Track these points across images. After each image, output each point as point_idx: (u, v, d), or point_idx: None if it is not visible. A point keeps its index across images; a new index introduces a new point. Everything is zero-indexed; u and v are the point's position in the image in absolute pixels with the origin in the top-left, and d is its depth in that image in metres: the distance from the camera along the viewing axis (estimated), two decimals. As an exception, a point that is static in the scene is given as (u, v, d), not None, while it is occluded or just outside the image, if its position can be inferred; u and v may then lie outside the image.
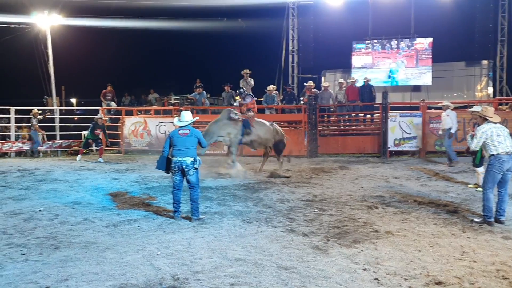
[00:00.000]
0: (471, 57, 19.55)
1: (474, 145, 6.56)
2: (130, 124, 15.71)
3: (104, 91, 18.23)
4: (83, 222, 6.63)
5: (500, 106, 14.64)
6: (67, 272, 4.59)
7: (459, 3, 18.92)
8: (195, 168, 6.68)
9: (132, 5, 19.30)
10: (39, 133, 15.28)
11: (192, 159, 6.67)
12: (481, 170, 8.49)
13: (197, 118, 8.13)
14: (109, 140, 14.54)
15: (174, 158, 6.71)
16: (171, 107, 17.79)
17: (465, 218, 6.64)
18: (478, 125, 6.79)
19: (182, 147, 6.70)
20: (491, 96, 18.78)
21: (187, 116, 6.97)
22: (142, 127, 15.54)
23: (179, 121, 6.96)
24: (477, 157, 8.46)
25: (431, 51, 19.16)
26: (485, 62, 19.52)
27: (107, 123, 16.41)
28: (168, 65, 24.91)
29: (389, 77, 19.57)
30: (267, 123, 11.20)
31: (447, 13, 18.63)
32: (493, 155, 6.30)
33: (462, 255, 5.07)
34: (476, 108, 7.63)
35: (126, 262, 4.87)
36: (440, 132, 12.33)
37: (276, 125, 11.36)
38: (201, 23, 21.34)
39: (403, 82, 19.76)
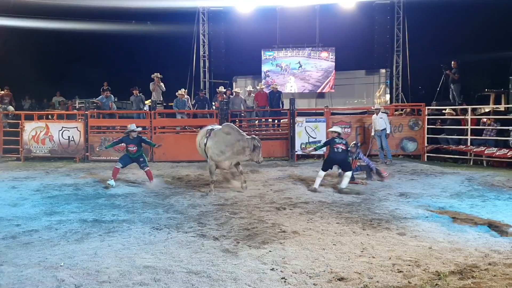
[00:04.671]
0: (370, 66, 20.92)
1: None
2: (31, 129, 14.73)
3: (0, 94, 16.93)
4: (-24, 236, 6.13)
5: (396, 112, 15.88)
6: (-43, 291, 4.23)
7: (359, 15, 20.15)
8: None
9: (35, 4, 18.14)
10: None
11: None
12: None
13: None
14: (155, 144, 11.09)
15: None
16: (75, 111, 16.99)
17: (365, 216, 7.11)
18: None
19: None
20: (388, 102, 20.26)
21: None
22: (44, 132, 14.66)
23: None
24: None
25: (334, 60, 20.22)
26: (383, 70, 20.98)
27: (5, 129, 15.25)
28: (73, 67, 23.63)
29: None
30: None
31: (348, 24, 19.74)
32: None
33: (362, 251, 5.39)
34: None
35: (26, 275, 4.59)
36: (372, 134, 13.32)
37: None
38: (108, 25, 20.58)
39: (307, 89, 20.66)
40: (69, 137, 14.57)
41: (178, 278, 4.53)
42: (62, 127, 14.77)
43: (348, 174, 9.35)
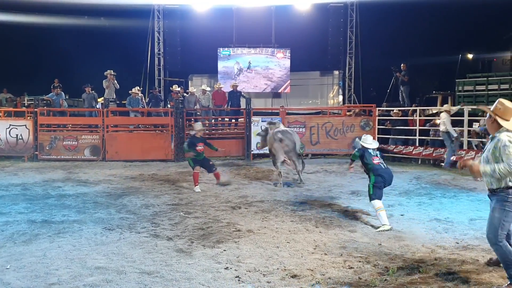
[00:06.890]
0: (324, 67, 21.33)
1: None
2: (-25, 127, 14.11)
3: None
4: None
5: (348, 113, 16.27)
6: None
7: (314, 17, 20.47)
8: None
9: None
10: None
11: None
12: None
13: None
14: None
15: None
16: (24, 108, 16.38)
17: (318, 214, 7.25)
18: None
19: None
20: (341, 103, 20.72)
21: None
22: (-11, 130, 14.07)
23: None
24: None
25: (289, 60, 20.47)
26: (336, 72, 21.41)
27: None
28: (22, 62, 22.66)
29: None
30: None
31: (303, 26, 20.01)
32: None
33: (315, 248, 5.49)
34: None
35: (-31, 280, 4.39)
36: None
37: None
38: (60, 19, 19.88)
39: (265, 88, 20.82)
40: (17, 135, 14.07)
41: (131, 279, 4.47)
42: (10, 125, 14.24)
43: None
